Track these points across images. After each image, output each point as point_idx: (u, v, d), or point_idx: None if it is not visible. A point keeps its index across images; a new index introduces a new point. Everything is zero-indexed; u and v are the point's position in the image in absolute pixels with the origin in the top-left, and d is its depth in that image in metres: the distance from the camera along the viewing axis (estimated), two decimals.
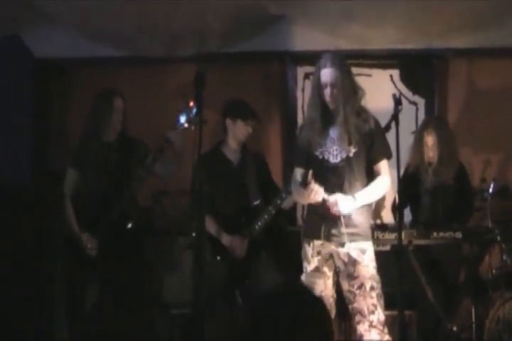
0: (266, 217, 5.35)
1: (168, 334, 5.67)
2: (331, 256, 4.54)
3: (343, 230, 4.45)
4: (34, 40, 6.61)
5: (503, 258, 5.34)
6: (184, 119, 5.04)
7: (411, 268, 5.26)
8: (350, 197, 4.44)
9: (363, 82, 4.75)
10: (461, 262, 5.54)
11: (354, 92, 4.57)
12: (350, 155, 4.51)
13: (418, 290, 5.28)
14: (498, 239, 5.30)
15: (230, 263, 5.31)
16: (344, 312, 4.66)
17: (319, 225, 4.53)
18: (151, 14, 6.25)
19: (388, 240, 5.34)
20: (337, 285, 4.57)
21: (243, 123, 5.44)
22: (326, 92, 4.53)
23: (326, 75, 4.53)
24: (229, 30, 6.54)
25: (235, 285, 5.33)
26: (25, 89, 6.63)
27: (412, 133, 6.04)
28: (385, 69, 6.77)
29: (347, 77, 4.55)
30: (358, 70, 5.59)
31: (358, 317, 4.45)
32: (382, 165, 4.57)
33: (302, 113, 6.62)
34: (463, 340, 5.37)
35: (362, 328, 4.43)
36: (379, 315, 4.42)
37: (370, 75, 6.59)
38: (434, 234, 5.33)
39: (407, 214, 5.84)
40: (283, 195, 5.32)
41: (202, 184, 4.16)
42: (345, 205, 4.42)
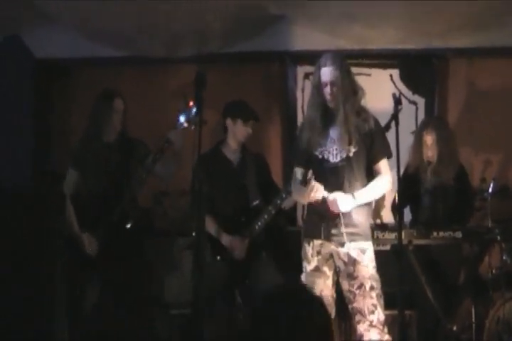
0: (266, 217, 5.35)
1: (167, 335, 5.67)
2: (331, 255, 4.55)
3: (343, 230, 4.46)
4: (34, 40, 6.61)
5: (503, 257, 5.34)
6: (184, 119, 5.04)
7: (411, 268, 5.26)
8: (349, 195, 4.44)
9: (363, 82, 4.76)
10: (461, 262, 5.54)
11: (354, 92, 4.57)
12: (350, 154, 4.52)
13: (418, 290, 5.26)
14: (498, 238, 5.31)
15: (229, 263, 5.31)
16: (344, 312, 4.66)
17: (319, 225, 4.53)
18: (151, 14, 6.25)
19: (388, 240, 5.34)
20: (337, 285, 4.57)
21: (243, 123, 5.44)
22: (326, 91, 4.54)
23: (326, 74, 4.53)
24: (229, 31, 6.54)
25: (234, 285, 5.33)
26: (25, 89, 6.62)
27: (411, 133, 6.04)
28: (385, 68, 6.77)
29: (347, 77, 4.56)
30: (357, 70, 5.60)
31: (357, 317, 4.45)
32: (383, 165, 4.57)
33: (302, 113, 6.61)
34: (463, 340, 5.37)
35: (362, 328, 4.44)
36: (379, 314, 4.43)
37: (369, 75, 6.58)
38: (434, 233, 5.33)
39: (407, 214, 5.84)
40: (283, 194, 5.32)
41: (202, 184, 4.15)
42: (345, 203, 4.42)
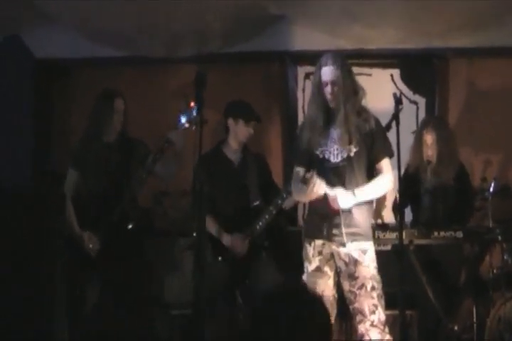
0: (267, 217, 5.34)
1: (168, 335, 5.67)
2: (332, 256, 4.54)
3: (343, 230, 4.45)
4: (34, 40, 6.61)
5: (504, 257, 5.34)
6: (185, 119, 5.02)
7: (412, 268, 5.25)
8: (350, 193, 4.43)
9: (364, 82, 4.75)
10: (462, 262, 5.53)
11: (355, 92, 4.56)
12: (351, 154, 4.51)
13: (419, 290, 5.26)
14: (499, 238, 5.30)
15: (230, 263, 5.31)
16: (345, 312, 4.65)
17: (320, 225, 4.52)
18: (151, 14, 6.25)
19: (389, 240, 5.34)
20: (338, 285, 4.56)
21: (245, 123, 5.43)
22: (326, 90, 4.53)
23: (327, 73, 4.52)
24: (229, 31, 6.54)
25: (235, 285, 5.32)
26: (25, 89, 6.62)
27: (412, 132, 6.03)
28: (386, 68, 6.78)
29: (348, 76, 4.55)
30: (358, 70, 5.57)
31: (359, 317, 4.44)
32: (384, 164, 4.56)
33: (303, 113, 6.61)
34: (464, 340, 5.37)
35: (363, 328, 4.43)
36: (380, 314, 4.42)
37: (370, 75, 6.58)
38: (435, 233, 5.32)
39: (408, 214, 5.83)
40: (284, 195, 5.31)
41: (202, 184, 4.15)
42: (345, 200, 4.42)
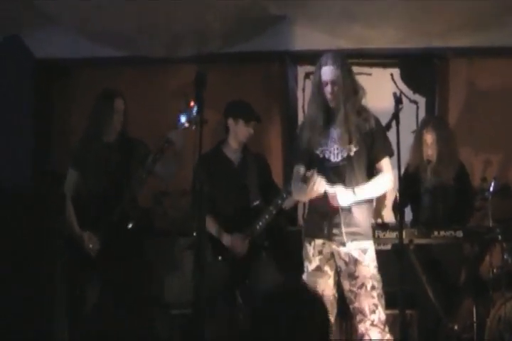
0: (267, 217, 5.34)
1: (168, 335, 5.67)
2: (332, 255, 4.54)
3: (343, 229, 4.44)
4: (34, 40, 6.60)
5: (504, 257, 5.33)
6: (185, 119, 5.02)
7: (412, 268, 5.25)
8: (349, 190, 4.43)
9: (364, 81, 4.75)
10: (462, 261, 5.53)
11: (355, 91, 4.56)
12: (351, 154, 4.51)
13: (419, 290, 5.26)
14: (499, 238, 5.30)
15: (230, 263, 5.30)
16: (345, 312, 4.66)
17: (320, 224, 4.52)
18: (151, 14, 6.25)
19: (389, 239, 5.34)
20: (338, 285, 4.56)
21: (245, 123, 5.43)
22: (326, 90, 4.53)
23: (327, 73, 4.52)
24: (229, 31, 6.54)
25: (235, 285, 5.32)
26: (25, 89, 6.62)
27: (412, 132, 6.03)
28: (386, 68, 6.78)
29: (348, 76, 4.55)
30: (358, 69, 5.60)
31: (359, 317, 4.44)
32: (385, 163, 4.56)
33: (303, 113, 6.61)
34: (464, 340, 5.36)
35: (363, 327, 4.43)
36: (380, 314, 4.42)
37: (370, 74, 6.58)
38: (435, 233, 5.32)
39: (408, 213, 5.83)
40: (284, 194, 5.31)
41: (202, 184, 4.15)
42: (345, 198, 4.41)
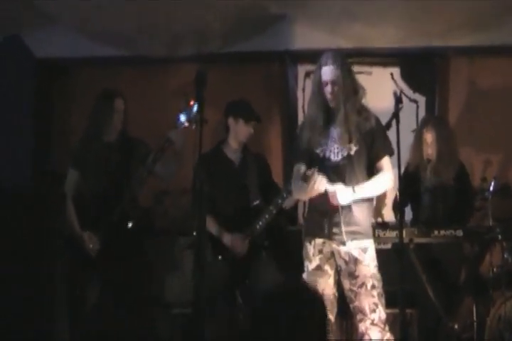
0: (267, 217, 5.34)
1: (168, 334, 5.67)
2: (332, 254, 4.53)
3: (343, 228, 4.44)
4: (34, 40, 6.60)
5: (504, 256, 5.33)
6: (184, 118, 5.02)
7: (412, 267, 5.25)
8: (349, 189, 4.43)
9: (364, 80, 4.75)
10: (462, 260, 5.53)
11: (355, 91, 4.56)
12: (351, 153, 4.51)
13: (419, 289, 5.26)
14: (499, 237, 5.30)
15: (230, 263, 5.30)
16: (345, 311, 4.65)
17: (321, 223, 4.52)
18: (151, 14, 6.26)
19: (389, 238, 5.34)
20: (338, 284, 4.56)
21: (245, 123, 5.43)
22: (326, 90, 4.53)
23: (327, 73, 4.52)
24: (229, 31, 6.54)
25: (235, 285, 5.32)
26: (25, 89, 6.62)
27: (412, 131, 6.02)
28: (386, 67, 6.77)
29: (348, 76, 4.55)
30: (358, 68, 5.59)
31: (359, 316, 4.44)
32: (385, 162, 4.56)
33: (303, 113, 6.60)
34: (464, 339, 5.36)
35: (363, 326, 4.43)
36: (380, 313, 4.42)
37: (370, 73, 6.57)
38: (435, 232, 5.32)
39: (408, 213, 5.83)
40: (284, 194, 5.31)
41: (203, 184, 4.15)
42: (344, 196, 4.41)
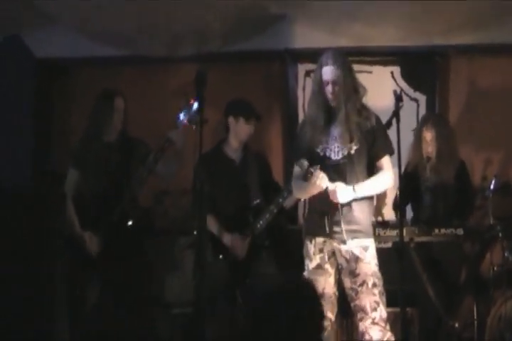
0: (268, 216, 5.34)
1: (169, 334, 5.67)
2: (333, 253, 4.53)
3: (343, 227, 4.44)
4: (34, 40, 6.60)
5: (505, 255, 5.33)
6: (184, 116, 5.03)
7: (412, 266, 5.25)
8: (350, 187, 4.43)
9: (364, 79, 4.74)
10: (463, 259, 5.52)
11: (355, 90, 4.57)
12: (352, 152, 4.51)
13: (419, 288, 5.26)
14: (500, 236, 5.30)
15: (230, 262, 5.30)
16: (346, 310, 4.65)
17: (321, 222, 4.52)
18: (151, 14, 6.26)
19: (390, 237, 5.33)
20: (339, 283, 4.56)
21: (245, 122, 5.43)
22: (327, 90, 4.53)
23: (328, 73, 4.52)
24: (229, 30, 6.54)
25: (235, 284, 5.31)
26: (25, 89, 6.62)
27: (412, 130, 6.02)
28: (386, 65, 6.77)
29: (348, 75, 4.55)
30: (358, 67, 5.59)
31: (360, 315, 4.44)
32: (385, 161, 4.56)
33: (303, 112, 6.61)
34: (464, 338, 5.36)
35: (364, 325, 4.42)
36: (381, 312, 4.41)
37: (371, 72, 6.57)
38: (436, 231, 5.33)
39: (409, 211, 5.83)
40: (285, 193, 5.31)
41: (203, 183, 4.15)
42: (344, 194, 4.41)
